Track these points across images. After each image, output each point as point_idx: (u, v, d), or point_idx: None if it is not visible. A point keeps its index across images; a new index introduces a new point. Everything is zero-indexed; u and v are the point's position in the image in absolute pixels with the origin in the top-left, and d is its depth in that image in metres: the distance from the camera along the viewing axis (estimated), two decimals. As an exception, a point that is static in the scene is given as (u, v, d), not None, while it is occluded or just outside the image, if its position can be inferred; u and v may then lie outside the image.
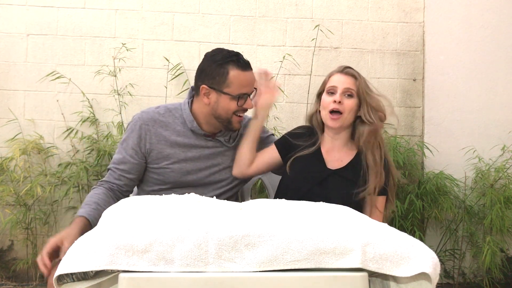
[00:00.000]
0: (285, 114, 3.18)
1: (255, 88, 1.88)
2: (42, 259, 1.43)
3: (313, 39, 3.16)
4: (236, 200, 2.03)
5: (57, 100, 3.10)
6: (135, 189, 1.99)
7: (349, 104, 1.79)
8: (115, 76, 3.06)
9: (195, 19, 3.17)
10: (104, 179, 1.85)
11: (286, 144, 1.93)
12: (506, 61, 3.22)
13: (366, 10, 3.23)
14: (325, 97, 1.85)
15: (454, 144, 3.18)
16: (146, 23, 3.15)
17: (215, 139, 1.91)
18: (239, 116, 1.85)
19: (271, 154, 1.94)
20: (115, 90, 3.05)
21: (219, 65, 1.79)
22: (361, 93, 1.80)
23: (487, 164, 3.07)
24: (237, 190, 2.01)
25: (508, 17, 3.23)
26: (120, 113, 3.04)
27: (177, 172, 1.86)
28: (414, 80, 3.23)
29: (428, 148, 3.13)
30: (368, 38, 3.22)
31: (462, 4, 3.22)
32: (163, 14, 3.15)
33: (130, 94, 3.08)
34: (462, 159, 3.13)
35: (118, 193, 1.82)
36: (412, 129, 3.23)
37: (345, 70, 1.85)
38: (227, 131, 1.92)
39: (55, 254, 1.47)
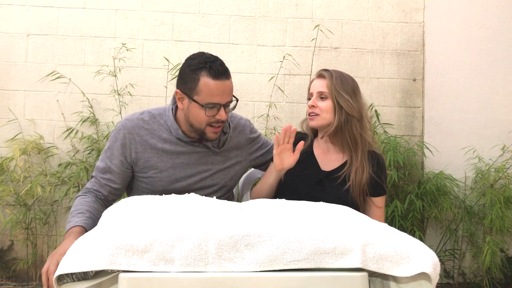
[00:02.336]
0: (285, 114, 3.18)
1: (236, 99, 1.77)
2: (48, 276, 1.37)
3: (313, 39, 3.16)
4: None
5: (57, 100, 3.10)
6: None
7: (322, 106, 1.87)
8: (115, 76, 3.06)
9: (195, 19, 3.17)
10: (88, 186, 1.77)
11: None
12: (506, 61, 3.22)
13: (366, 10, 3.23)
14: (308, 102, 1.94)
15: (454, 144, 3.18)
16: (146, 23, 3.15)
17: (203, 144, 1.82)
18: (214, 126, 1.73)
19: None
20: (115, 90, 3.06)
21: (192, 71, 1.70)
22: (333, 93, 1.86)
23: (487, 164, 3.07)
24: (229, 195, 1.96)
25: (508, 17, 3.23)
26: (120, 113, 3.04)
27: (165, 181, 1.78)
28: (414, 80, 3.23)
29: (428, 148, 3.13)
30: (368, 38, 3.22)
31: (462, 4, 3.23)
32: (163, 14, 3.15)
33: (130, 94, 3.08)
34: (462, 159, 3.13)
35: (105, 202, 1.77)
36: (412, 129, 3.23)
37: (319, 73, 1.93)
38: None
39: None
